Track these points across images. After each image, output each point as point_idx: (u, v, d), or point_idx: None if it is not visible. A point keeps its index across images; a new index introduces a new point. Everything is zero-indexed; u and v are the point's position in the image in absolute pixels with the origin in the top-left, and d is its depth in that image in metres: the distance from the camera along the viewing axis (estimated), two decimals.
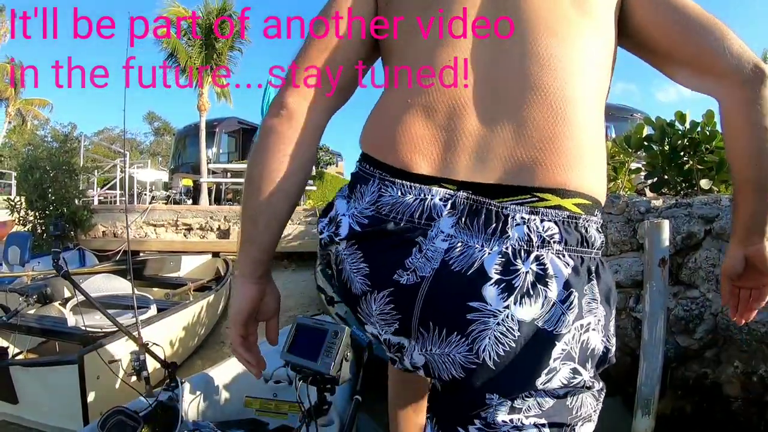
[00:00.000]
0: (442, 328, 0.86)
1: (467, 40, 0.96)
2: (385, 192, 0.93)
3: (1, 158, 33.95)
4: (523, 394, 0.83)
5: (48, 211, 10.53)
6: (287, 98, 1.01)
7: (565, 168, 0.87)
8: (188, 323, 4.95)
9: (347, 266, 0.97)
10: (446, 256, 0.86)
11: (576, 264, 0.85)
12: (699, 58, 1.01)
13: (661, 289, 2.81)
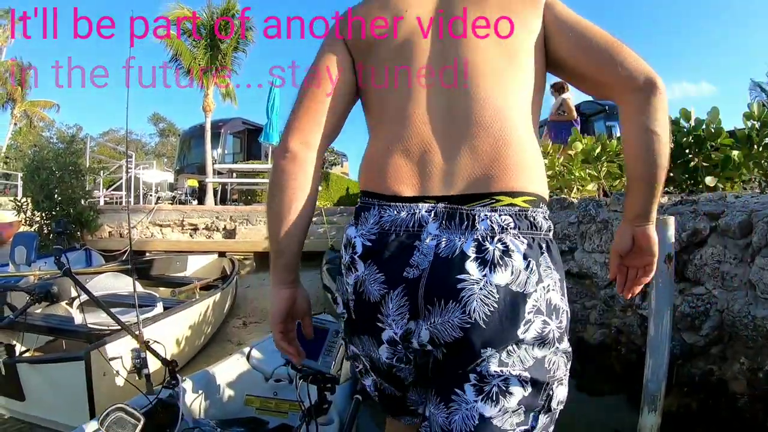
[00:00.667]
0: (441, 300, 1.15)
1: (427, 91, 1.31)
2: (385, 213, 1.26)
3: (7, 159, 34.07)
4: (509, 347, 1.13)
5: (54, 212, 10.56)
6: (290, 144, 1.34)
7: (511, 177, 1.21)
8: (194, 322, 4.97)
9: (367, 282, 1.25)
10: (436, 250, 1.17)
11: (529, 242, 1.17)
12: (601, 74, 1.32)
13: (667, 286, 2.81)
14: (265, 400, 3.10)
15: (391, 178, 1.28)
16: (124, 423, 2.17)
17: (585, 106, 16.46)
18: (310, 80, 1.40)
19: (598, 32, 1.33)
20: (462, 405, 1.16)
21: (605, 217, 3.97)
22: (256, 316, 6.96)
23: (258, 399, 3.11)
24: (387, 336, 1.26)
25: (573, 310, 4.29)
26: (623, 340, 3.78)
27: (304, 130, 1.37)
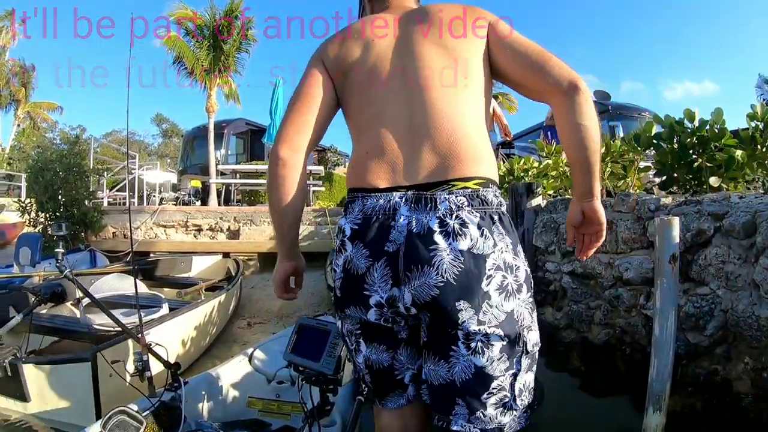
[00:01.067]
0: (418, 266, 1.46)
1: (394, 105, 1.63)
2: (367, 202, 1.59)
3: (10, 160, 34.09)
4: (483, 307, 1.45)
5: (58, 213, 10.59)
6: (280, 152, 1.67)
7: (462, 166, 1.53)
8: (200, 323, 4.99)
9: (354, 259, 1.57)
10: (408, 227, 1.49)
11: (482, 215, 1.50)
12: (533, 82, 1.65)
13: (672, 286, 2.81)
14: (267, 402, 3.11)
15: (370, 175, 1.61)
16: (127, 425, 2.18)
17: None
18: (295, 97, 1.75)
19: (530, 46, 1.66)
20: (459, 359, 1.49)
21: (610, 218, 3.95)
22: (260, 317, 6.98)
23: (260, 401, 3.12)
24: (374, 301, 1.56)
25: (577, 311, 4.31)
26: (627, 340, 3.78)
27: (291, 139, 1.69)
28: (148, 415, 2.35)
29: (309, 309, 7.23)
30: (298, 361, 2.38)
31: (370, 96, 1.69)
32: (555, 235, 4.62)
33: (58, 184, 10.53)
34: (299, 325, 2.51)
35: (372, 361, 1.68)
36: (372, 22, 1.78)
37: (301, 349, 2.41)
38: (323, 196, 17.35)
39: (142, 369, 2.72)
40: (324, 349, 2.31)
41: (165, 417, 2.46)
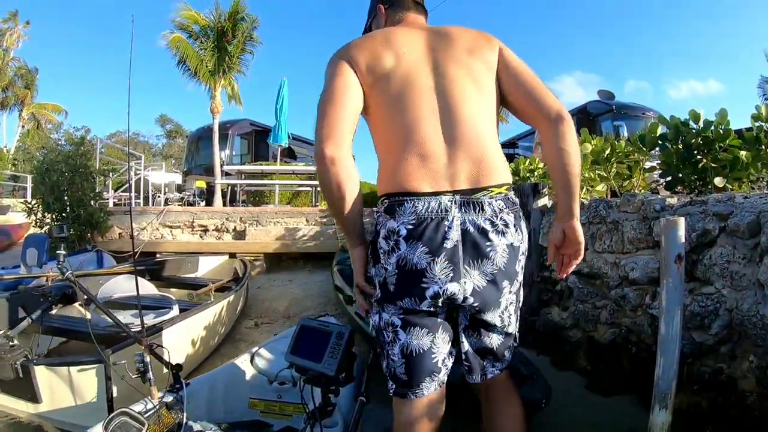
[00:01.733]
0: (477, 259, 1.77)
1: (427, 117, 1.84)
2: (418, 204, 1.77)
3: (15, 162, 34.16)
4: (515, 283, 1.92)
5: (65, 214, 10.62)
6: (326, 151, 1.76)
7: (494, 175, 1.84)
8: (209, 323, 5.03)
9: (410, 255, 1.76)
10: (463, 226, 1.76)
11: (514, 214, 1.88)
12: (528, 109, 1.99)
13: (677, 286, 2.83)
14: (269, 403, 3.11)
15: (415, 181, 1.79)
16: (129, 427, 2.17)
17: (592, 106, 16.46)
18: (330, 96, 1.84)
19: (530, 75, 1.99)
20: (494, 333, 1.93)
21: (615, 218, 4.00)
22: (267, 317, 7.02)
23: (262, 402, 3.12)
24: (431, 292, 1.76)
25: (583, 310, 4.34)
26: (633, 339, 3.80)
27: (336, 137, 1.78)
28: (150, 416, 2.34)
29: (316, 309, 7.26)
30: (299, 362, 2.40)
31: (405, 104, 1.85)
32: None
33: (64, 185, 10.55)
34: (301, 326, 2.55)
35: (412, 347, 1.84)
36: (399, 35, 1.97)
37: (302, 350, 2.43)
38: None
39: (143, 370, 2.66)
40: (325, 350, 2.34)
41: (167, 418, 2.46)
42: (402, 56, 1.90)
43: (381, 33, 2.01)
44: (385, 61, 1.88)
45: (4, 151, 34.03)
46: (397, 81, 1.87)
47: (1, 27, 35.90)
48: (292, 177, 16.81)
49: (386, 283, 1.83)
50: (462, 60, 1.93)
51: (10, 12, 36.14)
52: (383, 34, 1.99)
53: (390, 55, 1.89)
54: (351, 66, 1.88)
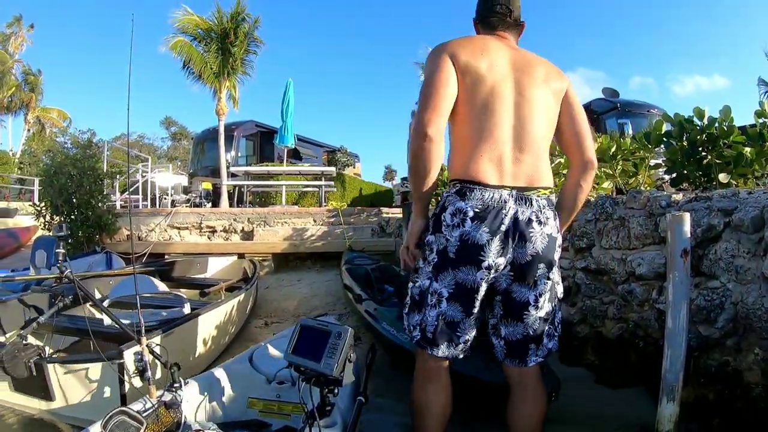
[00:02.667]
0: (522, 242, 2.18)
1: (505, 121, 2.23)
2: (485, 193, 2.17)
3: (21, 165, 34.24)
4: (553, 268, 2.30)
5: (73, 216, 10.68)
6: (428, 131, 2.13)
7: (544, 179, 2.28)
8: (221, 321, 5.07)
9: (473, 233, 2.14)
10: (515, 215, 2.16)
11: (554, 212, 2.30)
12: (572, 144, 2.43)
13: (684, 280, 2.89)
14: (268, 403, 3.13)
15: (487, 174, 2.19)
16: (127, 426, 2.17)
17: (596, 103, 16.45)
18: (435, 84, 2.19)
19: (582, 118, 2.43)
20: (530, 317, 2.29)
21: (622, 215, 4.05)
22: (277, 316, 7.05)
23: (261, 401, 3.14)
24: (486, 264, 2.16)
25: (591, 306, 4.39)
26: (641, 334, 3.84)
27: (437, 121, 2.15)
28: (148, 415, 2.34)
29: (325, 308, 7.30)
30: (298, 362, 2.45)
31: (489, 109, 2.22)
32: (568, 232, 4.64)
33: (72, 187, 10.61)
34: (300, 326, 2.59)
35: (447, 315, 2.25)
36: (493, 47, 2.32)
37: (301, 349, 2.48)
38: (335, 196, 17.40)
39: (142, 369, 2.71)
40: (324, 350, 2.37)
41: (165, 417, 2.46)
42: (494, 65, 2.25)
43: (480, 40, 2.38)
44: (480, 67, 2.22)
45: (10, 154, 34.11)
46: (486, 87, 2.22)
47: (6, 32, 36.01)
48: (298, 178, 16.86)
49: (446, 251, 2.21)
50: (539, 86, 2.31)
51: (14, 17, 36.32)
52: (482, 42, 2.34)
53: (485, 62, 2.24)
54: (453, 62, 2.22)
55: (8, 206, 18.26)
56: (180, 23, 15.85)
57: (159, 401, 2.49)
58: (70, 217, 10.69)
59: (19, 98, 34.97)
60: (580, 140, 2.40)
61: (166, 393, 2.55)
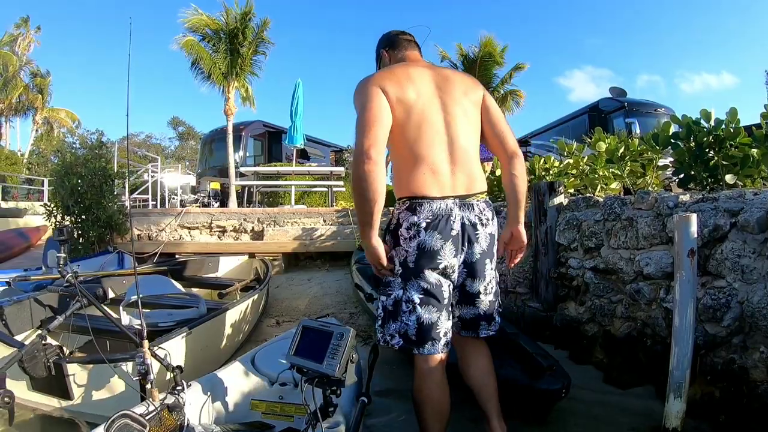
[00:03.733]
0: (471, 243, 2.51)
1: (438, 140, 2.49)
2: (433, 205, 2.43)
3: (29, 165, 34.36)
4: (494, 261, 2.64)
5: (84, 216, 10.75)
6: (371, 154, 2.26)
7: (479, 185, 2.59)
8: (235, 321, 5.13)
9: (428, 240, 2.41)
10: (462, 221, 2.47)
11: (492, 212, 2.63)
12: (495, 142, 2.72)
13: (690, 279, 2.96)
14: (270, 404, 3.13)
15: (431, 188, 2.46)
16: (130, 429, 2.19)
17: (604, 103, 16.47)
18: (371, 114, 2.35)
19: (500, 118, 2.75)
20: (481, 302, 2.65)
21: (630, 215, 4.10)
22: (288, 315, 7.10)
23: (263, 403, 3.14)
24: (442, 265, 2.46)
25: (600, 305, 4.45)
26: (648, 332, 3.89)
27: (377, 146, 2.30)
28: (151, 418, 2.36)
29: (336, 307, 7.32)
30: (300, 363, 2.47)
31: (423, 131, 2.47)
32: (577, 232, 4.74)
33: (83, 188, 10.68)
34: (302, 327, 2.61)
35: (424, 319, 2.45)
36: (416, 74, 2.57)
37: (303, 350, 2.49)
38: (344, 196, 17.44)
39: (144, 372, 2.70)
40: (326, 351, 2.39)
41: (168, 420, 2.48)
42: (420, 94, 2.50)
43: (403, 70, 2.59)
44: (409, 97, 2.46)
45: (18, 154, 34.23)
46: (417, 114, 2.47)
47: (13, 33, 36.11)
48: (306, 178, 16.91)
49: (407, 261, 2.47)
50: (460, 100, 2.60)
51: (22, 18, 36.42)
52: (405, 71, 2.57)
53: (413, 92, 2.48)
54: (384, 93, 2.41)
55: (17, 206, 18.39)
56: (190, 23, 15.90)
57: (162, 404, 2.50)
58: (80, 217, 10.75)
59: (27, 99, 35.08)
60: (502, 139, 2.70)
61: (168, 396, 2.57)
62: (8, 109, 34.23)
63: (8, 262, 8.33)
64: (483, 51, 19.01)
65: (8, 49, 34.48)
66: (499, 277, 3.26)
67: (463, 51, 19.61)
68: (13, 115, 35.69)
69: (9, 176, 26.72)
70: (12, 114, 35.44)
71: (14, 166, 30.73)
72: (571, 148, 6.50)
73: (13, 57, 34.06)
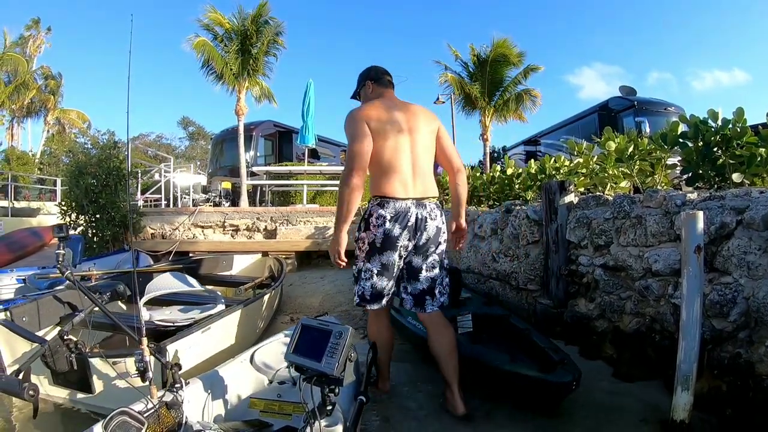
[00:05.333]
0: (421, 232, 3.44)
1: (404, 158, 3.42)
2: (396, 204, 3.37)
3: (41, 165, 34.54)
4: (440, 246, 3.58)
5: (98, 215, 10.88)
6: (354, 179, 3.23)
7: (432, 191, 3.56)
8: (252, 317, 5.23)
9: (391, 228, 3.33)
10: (416, 216, 3.40)
11: (439, 211, 3.60)
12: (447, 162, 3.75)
13: (697, 274, 3.03)
14: (269, 403, 3.14)
15: (396, 192, 3.37)
16: (128, 427, 2.20)
17: (614, 101, 16.47)
18: (358, 147, 3.28)
19: (448, 143, 3.74)
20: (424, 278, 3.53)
21: (639, 213, 4.18)
22: (302, 312, 7.18)
23: (262, 401, 3.16)
24: (399, 245, 3.38)
25: (609, 301, 4.53)
26: (657, 328, 3.96)
27: (361, 175, 3.28)
28: (149, 415, 2.38)
29: (349, 304, 7.37)
30: (299, 362, 2.49)
31: (395, 151, 3.41)
32: (587, 230, 4.81)
33: (98, 188, 10.80)
34: (301, 326, 2.63)
35: (377, 286, 3.47)
36: (391, 108, 3.53)
37: (302, 349, 2.51)
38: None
39: (143, 370, 2.71)
40: (325, 350, 2.40)
41: (166, 418, 2.48)
42: (394, 120, 3.46)
43: (382, 104, 3.56)
44: (386, 128, 3.41)
45: (29, 155, 34.42)
46: (392, 139, 3.40)
47: (24, 34, 36.24)
48: (318, 177, 16.99)
49: (374, 242, 3.39)
50: (423, 131, 3.55)
51: (32, 19, 36.56)
52: (383, 105, 3.54)
53: (389, 123, 3.43)
54: (367, 123, 3.36)
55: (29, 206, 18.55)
56: (208, 19, 15.95)
57: (160, 401, 2.52)
58: (95, 216, 10.90)
59: (39, 100, 35.23)
60: (450, 159, 3.73)
61: (167, 393, 2.58)
62: (20, 110, 34.33)
63: (23, 260, 8.43)
64: (495, 52, 18.94)
65: (19, 50, 34.56)
66: (511, 275, 5.23)
67: (475, 51, 19.55)
68: (25, 116, 35.79)
69: (21, 176, 26.89)
70: (24, 115, 35.54)
71: (26, 166, 30.96)
72: (581, 147, 6.54)
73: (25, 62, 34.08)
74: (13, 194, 18.65)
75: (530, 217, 5.80)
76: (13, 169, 27.39)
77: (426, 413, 3.59)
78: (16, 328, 3.93)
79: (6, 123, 34.92)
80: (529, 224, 5.85)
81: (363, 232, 3.45)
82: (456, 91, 19.76)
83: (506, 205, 6.62)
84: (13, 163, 30.45)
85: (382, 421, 3.47)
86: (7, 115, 34.22)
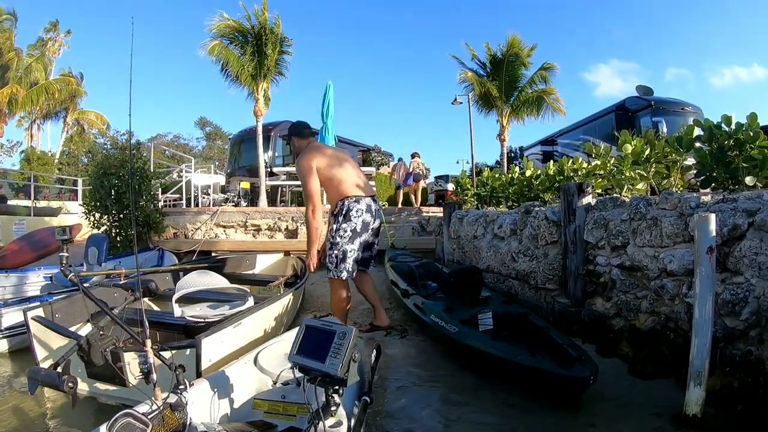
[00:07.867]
0: (378, 218, 5.75)
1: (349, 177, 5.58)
2: (365, 199, 5.54)
3: (60, 166, 34.84)
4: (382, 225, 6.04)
5: (122, 215, 11.08)
6: (315, 212, 5.42)
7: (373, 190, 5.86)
8: (278, 314, 5.37)
9: (366, 217, 5.50)
10: (375, 207, 5.67)
11: (378, 206, 5.77)
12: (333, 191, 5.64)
13: (709, 274, 3.15)
14: (273, 404, 3.08)
15: (359, 193, 5.51)
16: (132, 428, 2.20)
17: (630, 102, 16.46)
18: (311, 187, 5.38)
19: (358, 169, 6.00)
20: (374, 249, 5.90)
21: (654, 215, 4.29)
22: (325, 310, 7.21)
23: (266, 402, 3.10)
24: (371, 228, 5.58)
25: (626, 300, 4.66)
26: (672, 326, 4.07)
27: (319, 207, 5.48)
28: (153, 417, 2.37)
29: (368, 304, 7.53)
30: (303, 362, 2.47)
31: (344, 170, 5.50)
32: (605, 231, 4.92)
33: (123, 188, 10.99)
34: (305, 326, 2.61)
35: (358, 256, 5.44)
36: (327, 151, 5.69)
37: (306, 350, 2.49)
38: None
39: (147, 371, 2.69)
40: (329, 350, 2.38)
41: (171, 419, 2.48)
42: (332, 156, 5.54)
43: (323, 150, 5.62)
44: (329, 164, 5.40)
45: (49, 155, 34.74)
46: (336, 164, 5.45)
47: (43, 37, 36.48)
48: None
49: (356, 228, 5.35)
50: (350, 161, 5.70)
51: (51, 22, 36.80)
52: (324, 151, 5.63)
53: (329, 156, 5.52)
54: (315, 165, 5.33)
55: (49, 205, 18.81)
56: (216, 28, 16.08)
57: (164, 403, 2.51)
58: (119, 216, 11.09)
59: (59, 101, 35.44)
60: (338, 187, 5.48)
61: (171, 395, 2.58)
62: (41, 113, 34.54)
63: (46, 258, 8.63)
64: (510, 51, 18.82)
65: (38, 53, 34.78)
66: (530, 275, 6.26)
67: (491, 50, 19.45)
68: (45, 118, 36.05)
69: (41, 176, 27.17)
70: (44, 118, 35.80)
71: (45, 166, 31.28)
72: (599, 149, 6.66)
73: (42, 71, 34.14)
74: (34, 194, 18.87)
75: (549, 218, 5.92)
76: (33, 169, 27.71)
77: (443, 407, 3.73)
78: (52, 324, 4.10)
79: (26, 124, 35.23)
80: (547, 225, 5.97)
81: (344, 223, 5.40)
82: (476, 89, 19.41)
83: (525, 206, 6.75)
84: (33, 163, 30.80)
85: None
86: (27, 117, 34.46)
